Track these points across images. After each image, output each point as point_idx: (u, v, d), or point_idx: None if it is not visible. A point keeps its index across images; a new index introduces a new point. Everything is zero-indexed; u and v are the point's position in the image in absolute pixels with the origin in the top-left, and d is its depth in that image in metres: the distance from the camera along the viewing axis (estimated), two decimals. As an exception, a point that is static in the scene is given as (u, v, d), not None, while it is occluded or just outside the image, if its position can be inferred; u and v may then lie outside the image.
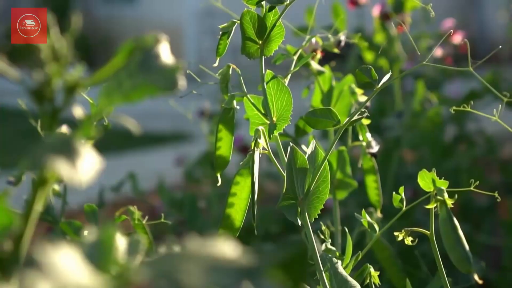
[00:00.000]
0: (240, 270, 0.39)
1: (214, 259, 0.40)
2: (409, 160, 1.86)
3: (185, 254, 0.40)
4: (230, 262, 0.40)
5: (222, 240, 0.43)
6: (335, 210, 1.09)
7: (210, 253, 0.41)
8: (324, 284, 0.84)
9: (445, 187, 0.80)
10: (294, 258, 0.40)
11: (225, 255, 0.41)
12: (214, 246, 0.42)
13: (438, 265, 0.84)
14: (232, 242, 0.44)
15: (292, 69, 0.95)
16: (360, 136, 1.06)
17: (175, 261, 0.39)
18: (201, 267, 0.39)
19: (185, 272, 0.38)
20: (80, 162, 0.46)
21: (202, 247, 0.42)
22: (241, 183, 0.86)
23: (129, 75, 0.55)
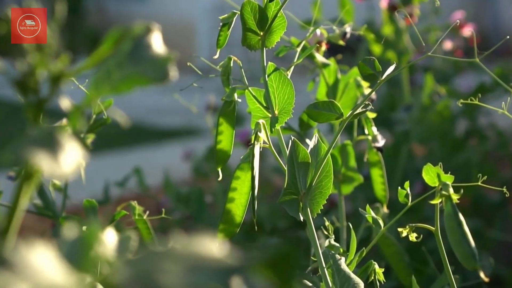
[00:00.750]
0: (223, 270, 0.37)
1: (198, 258, 0.38)
2: (419, 154, 1.84)
3: (167, 253, 0.38)
4: (214, 262, 0.38)
5: (208, 238, 0.41)
6: (340, 205, 1.07)
7: (194, 252, 0.39)
8: (326, 281, 0.82)
9: (450, 181, 0.78)
10: (281, 257, 0.38)
11: (210, 254, 0.39)
12: (199, 245, 0.40)
13: (444, 261, 0.82)
14: (218, 240, 0.42)
15: (295, 61, 0.92)
16: (366, 130, 1.04)
17: (156, 260, 0.37)
18: (183, 266, 0.37)
19: (165, 272, 0.36)
20: (62, 155, 0.44)
21: (186, 245, 0.40)
22: (242, 177, 0.84)
23: (118, 65, 0.53)
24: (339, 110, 0.82)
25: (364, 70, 0.80)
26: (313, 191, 0.84)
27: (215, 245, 0.41)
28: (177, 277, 0.36)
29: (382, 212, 1.08)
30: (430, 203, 0.79)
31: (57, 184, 1.07)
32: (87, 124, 0.97)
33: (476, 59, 0.78)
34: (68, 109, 0.51)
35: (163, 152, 3.52)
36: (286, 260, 0.38)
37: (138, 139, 3.95)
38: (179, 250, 0.39)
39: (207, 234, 0.43)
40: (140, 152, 3.61)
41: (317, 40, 1.03)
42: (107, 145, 3.77)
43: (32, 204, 1.06)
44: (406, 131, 1.58)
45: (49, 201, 1.04)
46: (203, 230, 1.50)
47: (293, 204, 0.84)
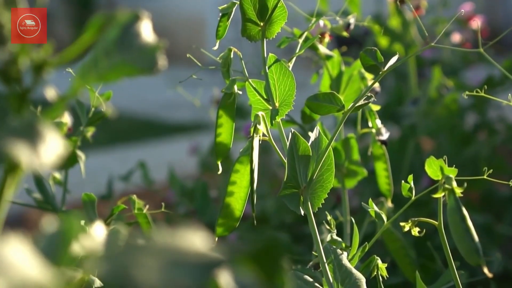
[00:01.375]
0: (205, 265, 0.36)
1: (179, 252, 0.37)
2: (427, 148, 1.82)
3: (147, 247, 0.37)
4: (196, 256, 0.36)
5: (192, 231, 0.40)
6: (344, 199, 1.05)
7: (175, 246, 0.37)
8: (327, 277, 0.81)
9: (453, 175, 0.76)
10: (265, 251, 0.36)
11: (192, 248, 0.37)
12: (182, 238, 0.39)
13: (447, 256, 0.80)
14: (203, 233, 0.40)
15: (297, 52, 0.91)
16: (370, 123, 1.02)
17: (134, 255, 0.36)
18: (162, 261, 0.35)
19: (142, 267, 0.34)
20: (42, 147, 0.43)
21: (168, 239, 0.38)
22: (241, 171, 0.82)
23: (106, 54, 0.52)
24: (340, 102, 0.80)
25: (366, 61, 0.78)
26: (314, 184, 0.83)
27: (199, 238, 0.39)
28: (155, 272, 0.34)
29: (386, 207, 1.06)
30: (433, 197, 0.77)
31: (57, 177, 1.06)
32: (86, 117, 0.96)
33: (480, 49, 0.76)
34: (53, 99, 0.50)
35: (172, 147, 3.51)
36: (270, 254, 0.37)
37: (148, 134, 3.95)
38: (159, 244, 0.38)
39: (196, 227, 0.41)
40: (149, 146, 3.60)
41: (320, 32, 1.01)
42: (116, 140, 3.77)
43: (32, 198, 1.05)
44: (413, 124, 1.56)
45: (48, 195, 1.02)
46: (207, 224, 1.49)
47: (294, 198, 0.82)
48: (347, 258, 0.87)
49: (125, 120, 4.38)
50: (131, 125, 4.24)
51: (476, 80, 1.78)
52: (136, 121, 4.34)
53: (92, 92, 0.93)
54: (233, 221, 0.84)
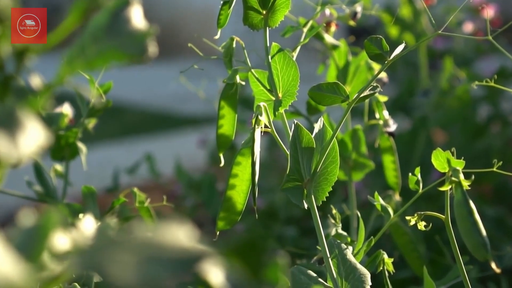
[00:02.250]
0: (185, 261, 0.33)
1: (158, 247, 0.35)
2: (439, 141, 1.79)
3: (124, 242, 0.35)
4: (176, 251, 0.34)
5: (177, 225, 0.38)
6: (351, 193, 1.03)
7: (156, 241, 0.35)
8: (331, 272, 0.78)
9: (461, 167, 0.73)
10: (249, 246, 0.34)
11: (174, 243, 0.35)
12: (164, 232, 0.36)
13: (455, 251, 0.77)
14: (188, 227, 0.38)
15: (302, 41, 0.88)
16: (377, 114, 0.99)
17: (111, 250, 0.34)
18: (140, 257, 0.33)
19: (118, 263, 0.32)
20: (21, 136, 0.41)
21: (149, 233, 0.36)
22: (243, 163, 0.80)
23: (94, 40, 0.50)
24: (344, 93, 0.78)
25: (371, 50, 0.76)
26: (318, 177, 0.80)
27: (183, 233, 0.37)
28: (131, 268, 0.32)
29: (394, 200, 1.03)
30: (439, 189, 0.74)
31: (58, 170, 1.04)
32: (86, 108, 0.94)
33: (489, 36, 0.73)
34: (38, 87, 0.48)
35: (183, 140, 3.49)
36: (254, 249, 0.34)
37: (159, 126, 3.93)
38: (138, 239, 0.36)
39: (181, 220, 0.39)
40: (160, 139, 3.59)
41: (326, 20, 0.98)
42: (126, 133, 3.76)
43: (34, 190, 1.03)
44: (423, 116, 1.53)
45: (49, 188, 1.01)
46: (214, 217, 1.47)
47: (297, 191, 0.80)
48: (352, 252, 0.85)
49: (136, 113, 4.37)
50: (142, 118, 4.23)
51: (489, 71, 1.75)
52: (147, 114, 4.33)
53: (92, 83, 0.91)
54: (235, 214, 0.82)
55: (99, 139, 3.49)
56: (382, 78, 1.01)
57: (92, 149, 3.22)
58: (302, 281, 0.79)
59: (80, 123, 0.97)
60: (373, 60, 0.77)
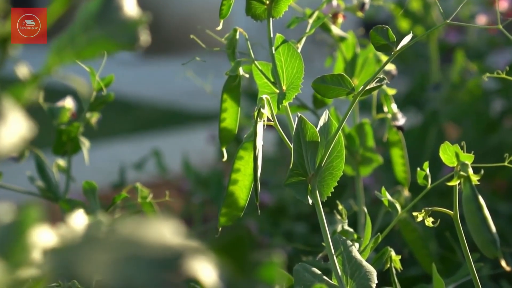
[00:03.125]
0: (166, 259, 0.31)
1: (139, 245, 0.33)
2: (452, 135, 1.76)
3: (102, 240, 0.33)
4: (158, 250, 0.32)
5: (162, 221, 0.36)
6: (358, 188, 1.01)
7: (137, 238, 0.33)
8: (335, 269, 0.76)
9: (469, 161, 0.71)
10: (235, 243, 0.32)
11: (157, 241, 0.33)
12: (148, 229, 0.34)
13: (464, 248, 0.75)
14: (174, 223, 0.36)
15: (307, 32, 0.86)
16: (385, 108, 0.97)
17: (86, 249, 0.32)
18: (118, 255, 0.31)
19: (93, 262, 0.30)
20: (3, 128, 0.39)
21: (131, 230, 0.34)
22: (245, 157, 0.78)
23: (84, 28, 0.48)
24: (349, 85, 0.76)
25: (377, 40, 0.74)
26: (323, 172, 0.78)
27: (169, 230, 0.35)
28: (105, 268, 0.30)
29: (403, 196, 1.01)
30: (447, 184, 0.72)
31: (61, 165, 1.02)
32: (87, 101, 0.92)
33: (499, 25, 0.71)
34: (24, 77, 0.46)
35: (195, 136, 3.48)
36: (240, 246, 0.32)
37: (171, 122, 3.92)
38: (119, 236, 0.34)
39: (168, 217, 0.37)
40: (172, 135, 3.57)
41: (333, 11, 0.96)
42: (138, 129, 3.75)
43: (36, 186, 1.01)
44: (434, 110, 1.50)
45: (51, 183, 0.99)
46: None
47: (301, 186, 0.78)
48: (359, 249, 0.83)
49: (147, 109, 4.37)
50: (153, 114, 4.22)
51: (503, 64, 1.72)
52: (158, 110, 4.32)
53: (92, 76, 0.89)
54: (237, 210, 0.80)
55: (110, 135, 3.48)
56: (390, 71, 0.99)
57: (103, 145, 3.22)
58: (306, 279, 0.77)
59: (82, 117, 0.95)
60: (379, 50, 0.74)
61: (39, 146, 1.06)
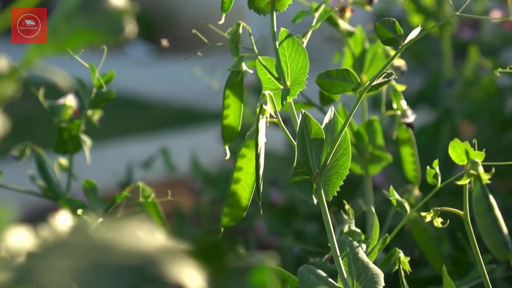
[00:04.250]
0: (137, 267, 0.29)
1: (109, 251, 0.30)
2: (466, 133, 1.72)
3: (68, 246, 0.30)
4: (130, 256, 0.30)
5: (141, 223, 0.33)
6: (367, 187, 0.98)
7: (108, 243, 0.31)
8: (341, 271, 0.73)
9: (480, 159, 0.68)
10: (210, 248, 0.30)
11: (129, 246, 0.31)
12: (122, 234, 0.32)
13: (474, 249, 0.72)
14: (153, 225, 0.34)
15: (312, 26, 0.83)
16: (395, 104, 0.94)
17: (51, 256, 0.29)
18: (84, 262, 0.29)
19: (56, 271, 0.28)
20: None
21: (103, 235, 0.32)
22: (248, 155, 0.76)
23: (67, 18, 0.45)
24: (355, 80, 0.73)
25: (383, 34, 0.71)
26: (329, 171, 0.75)
27: (147, 233, 0.33)
28: (68, 277, 0.27)
29: (414, 195, 0.98)
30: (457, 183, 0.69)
31: (63, 164, 1.00)
32: (88, 98, 0.90)
33: (510, 17, 0.68)
34: (3, 70, 0.44)
35: (210, 135, 3.46)
36: (216, 252, 0.30)
37: (187, 121, 3.90)
38: (91, 241, 0.31)
39: (146, 220, 0.35)
40: (188, 134, 3.55)
41: (341, 5, 0.93)
42: (154, 128, 3.74)
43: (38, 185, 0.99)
44: (448, 108, 1.47)
45: (52, 182, 0.97)
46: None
47: (305, 185, 0.75)
48: (366, 250, 0.80)
49: (163, 108, 4.35)
50: (167, 113, 4.20)
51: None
52: (172, 109, 4.31)
53: (92, 72, 0.87)
54: (240, 210, 0.77)
55: (123, 134, 3.47)
56: (400, 66, 0.96)
57: (115, 145, 3.20)
58: (310, 281, 0.74)
59: (83, 115, 0.93)
60: (385, 44, 0.71)
61: (44, 146, 1.04)
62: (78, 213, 0.80)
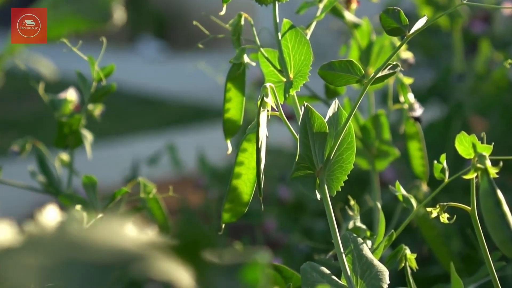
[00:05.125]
0: (108, 265, 0.27)
1: (82, 248, 0.28)
2: (478, 128, 1.70)
3: (44, 242, 0.28)
4: (103, 253, 0.28)
5: (119, 220, 0.32)
6: (374, 182, 0.96)
7: (81, 240, 0.29)
8: (344, 269, 0.71)
9: (488, 152, 0.66)
10: (189, 243, 0.28)
11: (103, 243, 0.29)
12: (97, 230, 0.30)
13: (482, 246, 0.70)
14: (130, 223, 0.32)
15: (316, 17, 0.81)
16: (402, 98, 0.92)
17: (22, 253, 0.27)
18: (54, 260, 0.27)
19: (20, 268, 0.26)
20: None
21: (75, 231, 0.30)
22: (249, 150, 0.74)
23: (52, 5, 0.44)
24: (359, 72, 0.71)
25: (387, 23, 0.68)
26: (332, 165, 0.73)
27: (123, 230, 0.31)
28: (35, 275, 0.26)
29: (422, 191, 0.96)
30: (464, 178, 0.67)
31: (64, 159, 0.98)
32: (88, 92, 0.88)
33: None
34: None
35: (220, 131, 3.44)
36: (195, 247, 0.28)
37: (198, 118, 3.89)
38: (66, 238, 0.29)
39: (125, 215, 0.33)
40: (204, 131, 3.54)
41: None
42: (168, 125, 3.73)
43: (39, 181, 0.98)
44: (459, 102, 1.44)
45: (52, 178, 0.95)
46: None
47: (308, 180, 0.73)
48: (371, 247, 0.78)
49: (176, 106, 4.34)
50: (179, 110, 4.20)
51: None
52: (184, 106, 4.30)
53: (92, 65, 0.85)
54: (241, 206, 0.75)
55: (138, 131, 3.47)
56: (408, 59, 0.93)
57: (130, 141, 3.19)
58: (313, 279, 0.72)
59: (84, 109, 0.91)
60: (390, 34, 0.69)
61: (48, 143, 1.03)
62: (76, 208, 0.79)
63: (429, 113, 1.65)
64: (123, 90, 4.19)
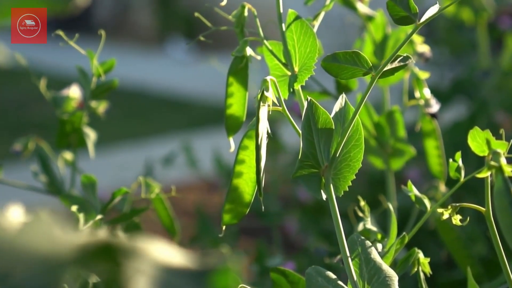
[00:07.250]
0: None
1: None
2: (505, 126, 1.64)
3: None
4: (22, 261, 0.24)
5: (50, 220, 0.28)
6: (389, 182, 0.91)
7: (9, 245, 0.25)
8: (350, 274, 0.67)
9: (503, 149, 0.61)
10: (105, 251, 0.24)
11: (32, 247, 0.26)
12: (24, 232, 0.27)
13: (497, 248, 0.65)
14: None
15: (324, 7, 0.77)
16: (417, 93, 0.87)
17: None
18: None
19: None
20: None
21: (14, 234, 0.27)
22: (251, 147, 0.70)
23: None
24: (366, 64, 0.66)
25: (395, 12, 0.64)
26: (339, 164, 0.69)
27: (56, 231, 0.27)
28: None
29: (440, 191, 0.91)
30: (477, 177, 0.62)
31: (68, 159, 0.95)
32: (88, 88, 0.85)
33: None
34: None
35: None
36: (110, 254, 0.24)
37: (221, 120, 3.86)
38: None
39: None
40: (223, 133, 3.51)
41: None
42: (194, 126, 3.71)
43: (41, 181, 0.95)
44: (484, 100, 1.39)
45: (55, 178, 0.92)
46: (252, 209, 1.36)
47: (313, 179, 0.69)
48: (382, 250, 0.74)
49: (203, 107, 4.32)
50: (205, 112, 4.17)
51: None
52: (211, 107, 4.27)
53: (92, 61, 0.82)
54: (242, 206, 0.71)
55: (166, 133, 3.45)
56: (424, 53, 0.89)
57: (159, 143, 3.17)
58: (318, 283, 0.68)
59: (86, 106, 0.88)
60: (398, 23, 0.65)
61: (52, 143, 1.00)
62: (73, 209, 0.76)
63: (454, 112, 1.60)
64: (152, 92, 4.18)
